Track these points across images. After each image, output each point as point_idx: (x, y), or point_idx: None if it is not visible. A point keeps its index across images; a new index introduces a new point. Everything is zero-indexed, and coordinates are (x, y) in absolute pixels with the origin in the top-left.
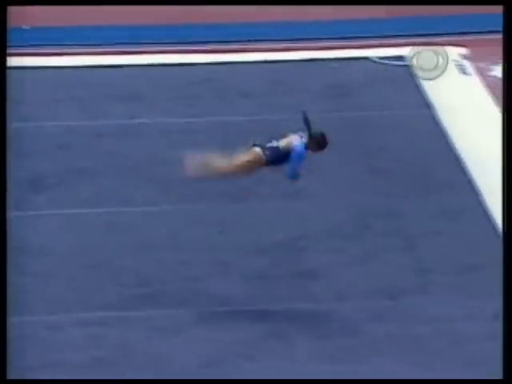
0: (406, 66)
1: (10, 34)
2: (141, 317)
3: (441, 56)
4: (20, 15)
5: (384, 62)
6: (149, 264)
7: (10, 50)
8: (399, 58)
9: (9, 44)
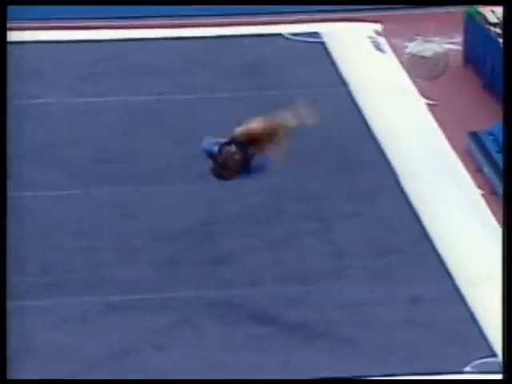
0: (320, 42)
1: None
2: (45, 306)
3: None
4: None
5: (298, 38)
6: (52, 251)
7: None
8: (314, 34)
9: None
